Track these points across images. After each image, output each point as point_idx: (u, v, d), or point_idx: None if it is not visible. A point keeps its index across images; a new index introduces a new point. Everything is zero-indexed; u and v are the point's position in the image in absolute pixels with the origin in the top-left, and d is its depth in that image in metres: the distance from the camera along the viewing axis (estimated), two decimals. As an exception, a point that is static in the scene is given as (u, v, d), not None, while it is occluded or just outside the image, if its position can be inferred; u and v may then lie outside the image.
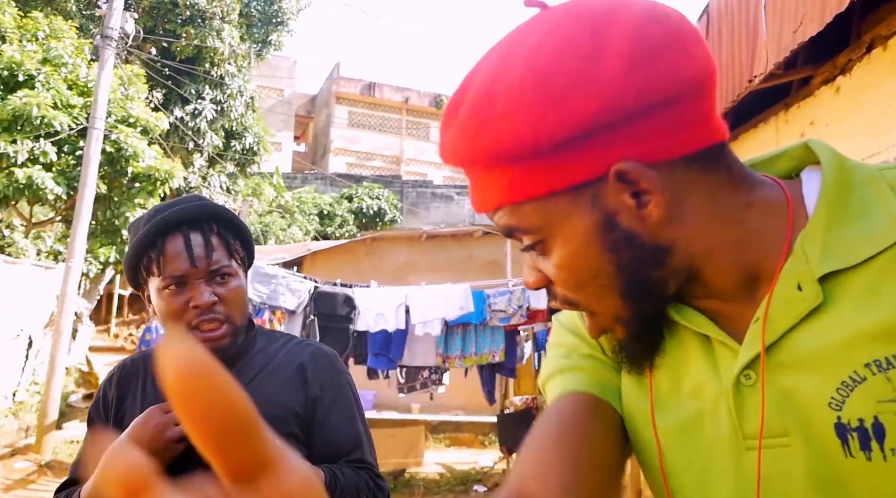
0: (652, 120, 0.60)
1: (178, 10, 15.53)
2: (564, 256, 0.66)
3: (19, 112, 9.88)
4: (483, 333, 7.16)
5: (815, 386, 0.60)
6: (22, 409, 9.50)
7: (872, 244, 0.60)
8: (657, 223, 0.63)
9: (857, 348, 0.59)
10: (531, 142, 0.60)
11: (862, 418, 0.58)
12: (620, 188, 0.62)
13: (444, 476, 8.55)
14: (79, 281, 9.90)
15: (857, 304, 0.60)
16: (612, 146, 0.61)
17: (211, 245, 1.31)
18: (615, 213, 0.63)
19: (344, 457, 1.36)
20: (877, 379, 0.57)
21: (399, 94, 30.03)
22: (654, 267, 0.65)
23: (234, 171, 17.75)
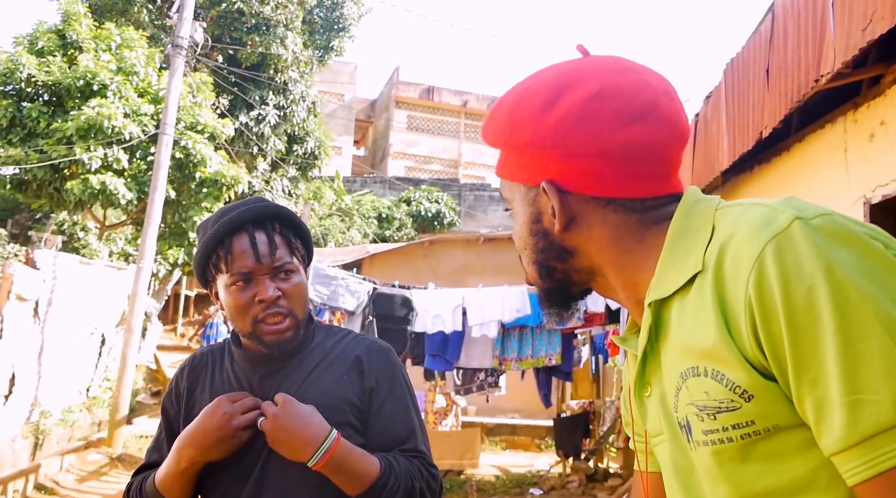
0: (572, 162, 0.82)
1: (243, 19, 15.98)
2: (515, 226, 0.92)
3: (92, 121, 10.34)
4: (539, 336, 7.14)
5: (668, 394, 0.78)
6: (95, 404, 9.93)
7: (680, 277, 0.75)
8: (559, 232, 0.85)
9: (677, 362, 0.75)
10: (504, 138, 0.88)
11: (684, 418, 0.74)
12: (546, 199, 0.85)
13: (500, 478, 8.55)
14: (148, 281, 10.30)
15: (674, 326, 0.76)
16: (546, 168, 0.84)
17: (274, 243, 1.38)
18: (541, 214, 0.86)
19: (398, 446, 1.40)
20: (684, 387, 0.73)
21: (457, 98, 30.12)
22: (557, 260, 0.87)
23: (296, 175, 18.13)
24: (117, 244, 15.23)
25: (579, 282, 0.89)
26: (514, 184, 0.90)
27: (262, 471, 1.35)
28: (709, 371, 0.70)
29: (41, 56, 11.18)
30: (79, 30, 11.46)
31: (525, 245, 0.90)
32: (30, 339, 7.99)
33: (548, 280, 0.90)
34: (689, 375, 0.72)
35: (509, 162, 0.89)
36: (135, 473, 1.50)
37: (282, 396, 1.32)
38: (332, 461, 1.27)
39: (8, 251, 11.61)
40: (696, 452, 0.74)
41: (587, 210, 0.83)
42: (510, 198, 0.92)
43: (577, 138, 0.80)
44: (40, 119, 10.81)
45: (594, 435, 8.80)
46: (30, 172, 10.80)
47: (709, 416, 0.70)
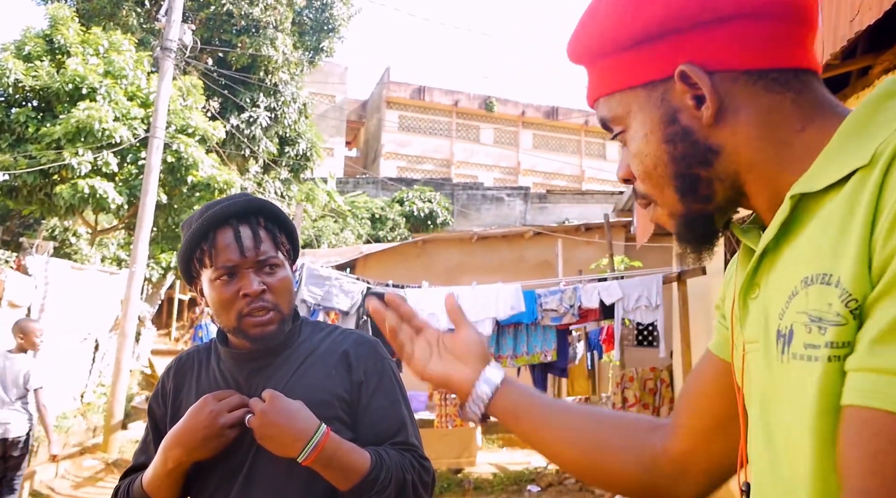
0: (717, 32, 0.71)
1: (232, 21, 15.95)
2: (635, 147, 0.78)
3: (82, 125, 10.29)
4: (535, 333, 7.14)
5: (777, 297, 0.68)
6: (89, 409, 9.88)
7: (837, 172, 0.64)
8: (708, 124, 0.73)
9: (805, 265, 0.65)
10: (614, 38, 0.76)
11: (787, 326, 0.65)
12: (684, 89, 0.73)
13: (498, 476, 8.54)
14: (141, 286, 10.25)
15: (819, 225, 0.65)
16: (679, 50, 0.73)
17: (259, 237, 1.38)
18: (678, 110, 0.74)
19: (389, 439, 1.39)
20: (802, 292, 0.64)
21: (449, 98, 30.12)
22: (702, 165, 0.74)
23: (289, 176, 18.11)
24: (109, 249, 15.17)
25: (724, 200, 0.76)
26: (628, 92, 0.77)
27: (250, 469, 1.34)
28: (835, 279, 0.60)
29: (29, 61, 11.13)
30: (66, 34, 11.42)
31: (656, 161, 0.76)
32: (22, 345, 7.94)
33: (692, 199, 0.76)
34: (815, 281, 0.63)
35: (618, 68, 0.77)
36: (122, 476, 1.49)
37: (269, 391, 1.30)
38: (321, 456, 1.26)
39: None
40: (786, 366, 0.65)
41: (735, 91, 0.72)
42: (621, 114, 0.79)
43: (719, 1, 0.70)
44: (29, 124, 10.75)
45: (591, 431, 8.81)
46: (19, 178, 10.74)
47: (819, 329, 0.61)
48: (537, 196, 24.51)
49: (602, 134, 32.11)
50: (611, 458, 0.94)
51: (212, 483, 1.36)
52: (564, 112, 31.71)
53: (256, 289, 1.35)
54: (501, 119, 31.01)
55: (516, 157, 30.67)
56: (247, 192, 1.51)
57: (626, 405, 8.09)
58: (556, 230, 13.06)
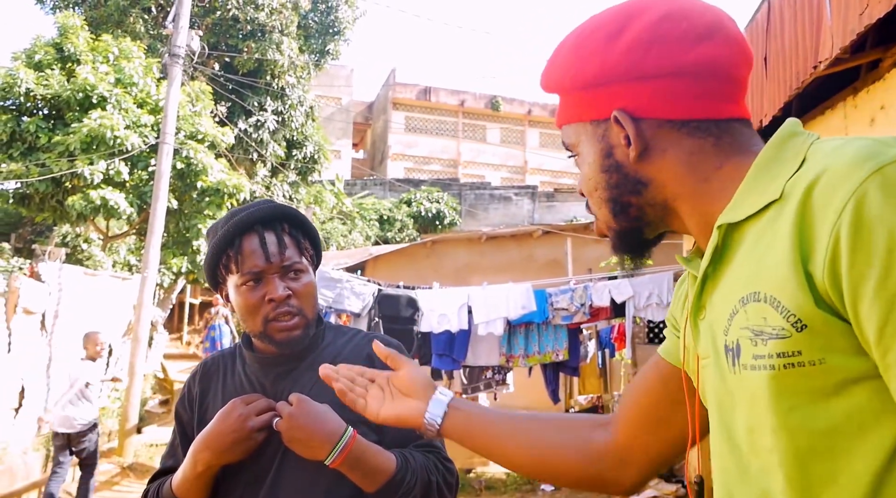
0: (644, 86, 0.83)
1: (238, 26, 16.00)
2: (583, 170, 0.92)
3: (95, 133, 10.37)
4: (546, 332, 7.14)
5: (720, 316, 0.78)
6: (104, 414, 9.95)
7: (756, 204, 0.75)
8: (634, 161, 0.85)
9: (739, 287, 0.75)
10: (570, 80, 0.89)
11: (733, 340, 0.75)
12: (618, 130, 0.85)
13: (511, 475, 8.55)
14: (153, 291, 10.31)
15: (745, 251, 0.76)
16: (615, 98, 0.85)
17: (284, 243, 1.40)
18: (613, 147, 0.87)
19: (413, 442, 1.41)
20: (741, 311, 0.74)
21: (455, 98, 30.12)
22: (632, 194, 0.87)
23: (297, 179, 18.16)
24: (119, 254, 15.26)
25: (654, 220, 0.89)
26: (580, 125, 0.90)
27: (277, 471, 1.36)
28: (768, 297, 0.70)
29: (39, 70, 11.22)
30: (76, 43, 11.50)
31: (595, 185, 0.90)
32: (38, 351, 8.01)
33: (622, 219, 0.90)
34: (749, 300, 0.73)
35: (573, 104, 0.90)
36: (150, 479, 1.51)
37: (296, 395, 1.32)
38: (349, 458, 1.27)
39: (12, 265, 11.63)
40: (739, 376, 0.75)
41: (661, 135, 0.84)
42: (575, 142, 0.92)
43: (649, 61, 0.82)
44: (40, 133, 10.84)
45: (603, 429, 8.80)
46: (31, 186, 10.83)
47: (762, 341, 0.70)
48: (545, 195, 24.49)
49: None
50: (558, 456, 1.06)
51: (239, 486, 1.38)
52: (571, 110, 31.61)
53: (282, 294, 1.36)
54: (508, 118, 30.99)
55: (523, 156, 30.64)
56: (271, 199, 1.53)
57: (639, 403, 8.10)
58: (564, 228, 13.05)
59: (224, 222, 1.42)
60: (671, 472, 7.93)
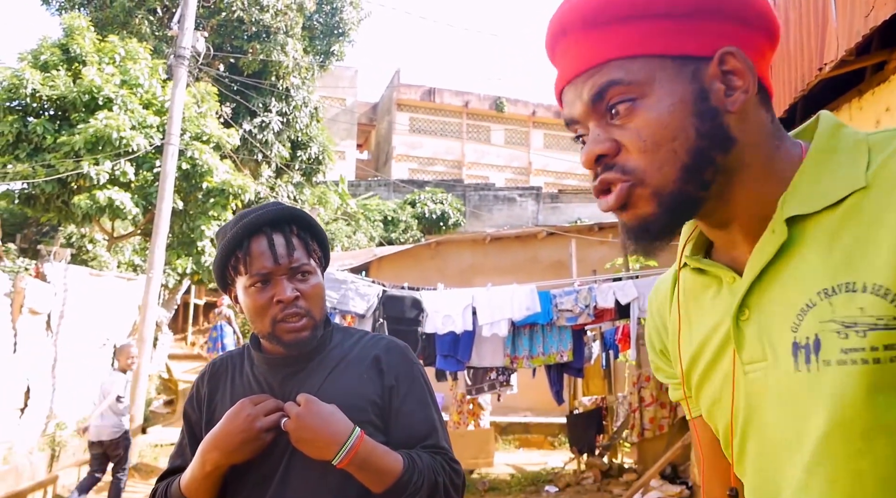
0: (748, 35, 0.75)
1: (243, 27, 16.04)
2: (654, 115, 0.74)
3: (100, 134, 10.40)
4: (550, 333, 7.15)
5: (783, 314, 0.72)
6: (109, 414, 9.98)
7: (833, 194, 0.71)
8: (737, 113, 0.74)
9: (813, 281, 0.70)
10: (659, 2, 0.74)
11: (808, 336, 0.69)
12: (717, 73, 0.74)
13: (515, 477, 8.55)
14: (158, 291, 10.34)
15: (819, 243, 0.71)
16: (722, 34, 0.74)
17: (292, 245, 1.41)
18: (709, 91, 0.74)
19: (420, 442, 1.42)
20: (823, 304, 0.68)
21: (459, 99, 30.14)
22: (720, 150, 0.74)
23: (301, 180, 18.19)
24: (125, 254, 15.31)
25: (714, 194, 0.76)
26: (655, 60, 0.74)
27: (285, 471, 1.37)
28: (870, 287, 0.66)
29: (45, 71, 11.25)
30: (82, 44, 11.53)
31: (675, 133, 0.73)
32: (43, 352, 8.04)
33: (692, 179, 0.75)
34: (837, 292, 0.67)
35: (650, 33, 0.74)
36: (159, 478, 1.52)
37: (304, 396, 1.33)
38: (356, 459, 1.28)
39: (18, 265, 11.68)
40: (815, 374, 0.68)
41: None
42: (640, 80, 0.75)
43: (757, 7, 0.75)
44: (46, 134, 10.87)
45: (608, 431, 8.80)
46: (37, 187, 10.87)
47: (857, 333, 0.65)
48: (549, 196, 24.48)
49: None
50: None
51: (247, 485, 1.39)
52: (575, 111, 31.59)
53: (290, 295, 1.38)
54: (512, 119, 30.99)
55: (527, 157, 30.64)
56: (279, 202, 1.54)
57: (644, 405, 8.08)
58: (569, 230, 13.06)
59: (233, 224, 1.43)
60: (675, 473, 7.92)
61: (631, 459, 8.91)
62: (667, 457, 7.05)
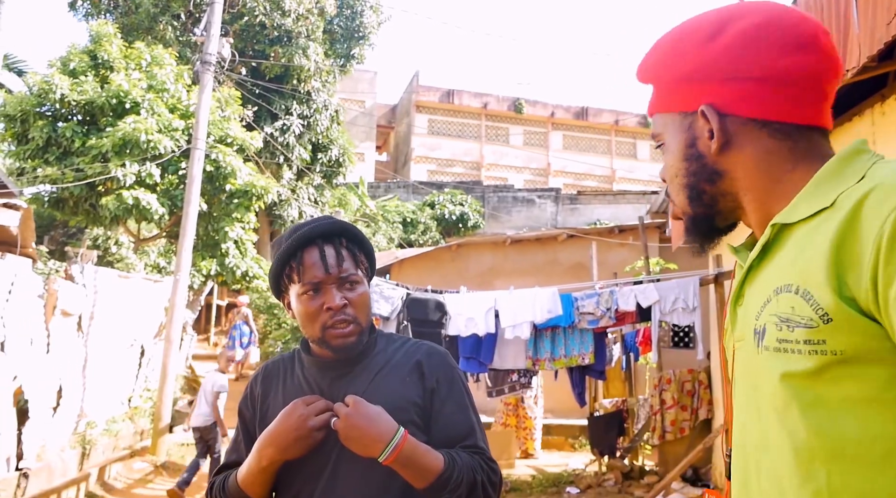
0: (734, 87, 0.91)
1: (266, 32, 16.24)
2: (667, 156, 1.01)
3: (129, 137, 10.60)
4: (572, 336, 7.19)
5: (756, 304, 0.88)
6: (136, 413, 10.17)
7: (809, 210, 0.84)
8: (714, 153, 0.94)
9: (775, 279, 0.85)
10: (666, 72, 0.99)
11: (762, 325, 0.85)
12: (704, 123, 0.94)
13: (536, 478, 8.60)
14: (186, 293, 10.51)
15: (788, 249, 0.85)
16: (705, 93, 0.93)
17: (341, 256, 1.51)
18: (696, 138, 0.96)
19: (459, 443, 1.50)
20: (773, 300, 0.84)
21: (478, 100, 30.19)
22: (707, 182, 0.97)
23: (322, 182, 18.36)
24: (150, 257, 15.55)
25: (725, 210, 0.98)
26: (669, 115, 0.99)
27: (335, 467, 1.46)
28: (801, 290, 0.80)
29: (74, 76, 11.48)
30: (109, 50, 11.76)
31: (676, 172, 0.99)
32: (74, 352, 8.22)
33: (696, 204, 0.99)
34: (782, 290, 0.82)
35: (665, 95, 0.99)
36: (216, 472, 1.62)
37: (352, 397, 1.42)
38: (400, 456, 1.37)
39: (50, 268, 11.92)
40: (761, 356, 0.85)
41: (743, 132, 0.92)
42: (662, 131, 1.01)
43: (743, 62, 0.90)
44: (74, 138, 11.10)
45: (629, 433, 8.82)
46: (66, 190, 11.10)
47: (787, 327, 0.81)
48: (568, 197, 24.47)
49: (632, 133, 31.88)
50: None
51: (299, 480, 1.49)
52: (594, 112, 31.56)
53: (339, 303, 1.48)
54: (531, 120, 31.00)
55: (546, 158, 30.63)
56: (330, 215, 1.65)
57: (665, 407, 8.10)
58: (589, 232, 13.08)
59: (288, 236, 1.54)
60: (697, 475, 7.93)
61: (652, 461, 8.92)
62: (688, 459, 7.06)
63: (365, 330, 1.53)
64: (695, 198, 0.98)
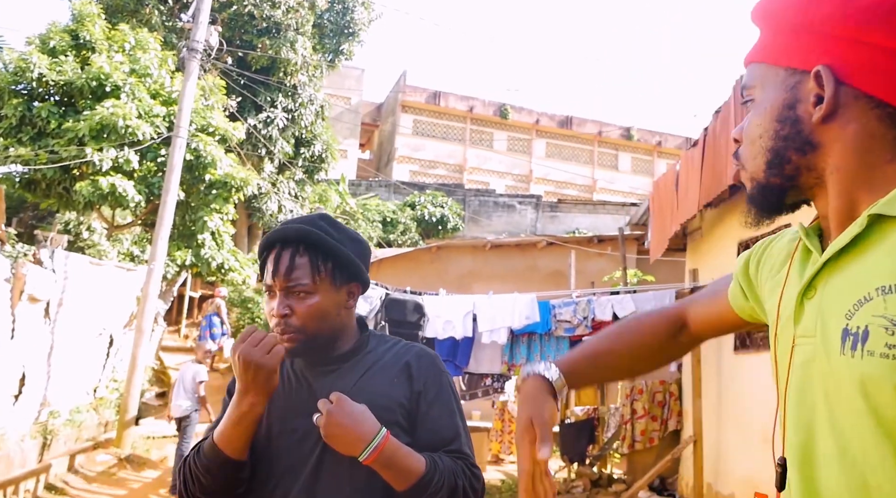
0: (862, 52, 0.81)
1: (254, 22, 16.07)
2: (754, 114, 0.92)
3: (106, 121, 10.38)
4: (548, 343, 7.18)
5: (842, 300, 0.80)
6: (102, 404, 9.97)
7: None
8: (817, 122, 0.84)
9: (876, 276, 0.77)
10: (784, 15, 0.88)
11: (859, 326, 0.76)
12: (812, 87, 0.84)
13: (506, 483, 8.58)
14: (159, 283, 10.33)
15: (891, 246, 0.77)
16: (826, 52, 0.83)
17: (293, 264, 1.48)
18: (798, 100, 0.86)
19: (444, 447, 1.49)
20: (878, 299, 0.75)
21: (464, 103, 30.19)
22: (797, 151, 0.87)
23: (303, 177, 18.21)
24: (123, 244, 15.28)
25: (803, 185, 0.89)
26: (772, 67, 0.89)
27: (316, 464, 1.45)
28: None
29: (53, 56, 11.22)
30: (92, 31, 11.50)
31: (763, 131, 0.89)
32: (40, 339, 8.03)
33: (774, 172, 0.89)
34: (893, 291, 0.74)
35: (775, 43, 0.89)
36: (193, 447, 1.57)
37: (337, 394, 1.40)
38: (381, 457, 1.36)
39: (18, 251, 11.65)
40: (859, 360, 0.76)
41: (852, 106, 0.83)
42: (756, 84, 0.91)
43: (882, 27, 0.80)
44: (51, 119, 10.83)
45: (598, 441, 8.84)
46: (39, 172, 10.83)
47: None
48: (549, 205, 24.54)
49: (615, 144, 32.08)
50: (645, 361, 1.28)
51: (277, 473, 1.46)
52: (578, 122, 31.73)
53: (279, 312, 1.48)
54: (515, 127, 31.07)
55: (529, 165, 30.72)
56: (312, 217, 1.60)
57: (635, 417, 8.13)
58: (568, 241, 13.10)
59: (269, 233, 1.55)
60: (664, 485, 7.97)
61: (620, 469, 8.95)
62: (656, 469, 7.10)
63: (312, 338, 1.50)
64: (776, 164, 0.88)
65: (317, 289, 1.49)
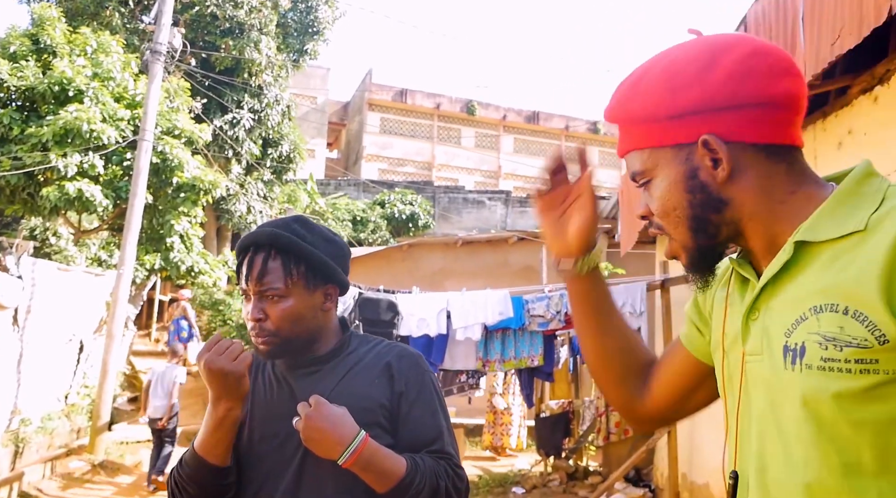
0: (735, 114, 0.92)
1: (217, 23, 15.91)
2: (660, 191, 0.99)
3: (70, 126, 10.22)
4: (522, 338, 7.27)
5: (782, 321, 0.89)
6: (73, 411, 9.85)
7: (837, 231, 0.86)
8: (722, 182, 0.94)
9: (809, 298, 0.86)
10: (653, 111, 0.96)
11: (797, 343, 0.85)
12: (704, 153, 0.94)
13: (483, 478, 8.67)
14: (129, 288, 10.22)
15: (818, 268, 0.87)
16: (704, 124, 0.93)
17: (265, 269, 1.50)
18: (697, 169, 0.95)
19: (426, 447, 1.50)
20: (812, 318, 0.85)
21: (431, 100, 30.21)
22: (713, 212, 0.96)
23: (271, 178, 18.09)
24: (90, 249, 15.04)
25: (727, 238, 0.98)
26: (658, 150, 0.97)
27: (298, 467, 1.46)
28: (850, 311, 0.81)
29: (14, 61, 11.00)
30: (53, 35, 11.30)
31: (675, 205, 0.97)
32: (9, 346, 7.92)
33: (702, 236, 0.97)
34: (824, 310, 0.83)
35: (653, 130, 0.97)
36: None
37: (315, 398, 1.41)
38: (359, 460, 1.37)
39: (-18, 258, 11.41)
40: (795, 373, 0.85)
41: (744, 158, 0.93)
42: (648, 167, 0.99)
43: (744, 90, 0.91)
44: (13, 125, 10.63)
45: (574, 434, 8.96)
46: (2, 179, 10.63)
47: (835, 347, 0.82)
48: (518, 200, 24.69)
49: (582, 138, 32.38)
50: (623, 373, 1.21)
51: (259, 478, 1.48)
52: (545, 117, 31.95)
53: (253, 316, 1.50)
54: (483, 123, 31.17)
55: (497, 160, 30.85)
56: (286, 220, 1.60)
57: (609, 409, 8.26)
58: (539, 235, 13.23)
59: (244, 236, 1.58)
60: (639, 476, 8.12)
61: (596, 462, 9.09)
62: (631, 460, 7.22)
63: (286, 340, 1.52)
64: (700, 229, 0.97)
65: (290, 292, 1.50)
